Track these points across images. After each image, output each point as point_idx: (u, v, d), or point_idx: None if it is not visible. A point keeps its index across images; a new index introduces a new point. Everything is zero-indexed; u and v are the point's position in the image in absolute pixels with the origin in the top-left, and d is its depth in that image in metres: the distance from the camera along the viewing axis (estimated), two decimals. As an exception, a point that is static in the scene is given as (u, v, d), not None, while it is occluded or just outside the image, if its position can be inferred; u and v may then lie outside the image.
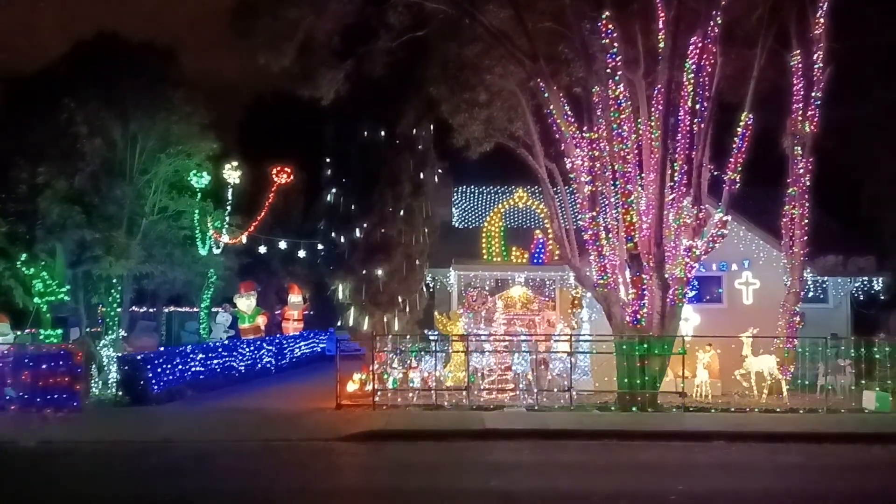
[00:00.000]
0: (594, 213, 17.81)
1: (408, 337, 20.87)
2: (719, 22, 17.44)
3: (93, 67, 23.25)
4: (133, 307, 27.87)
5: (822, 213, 22.85)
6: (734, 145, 18.69)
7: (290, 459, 12.96)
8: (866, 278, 22.62)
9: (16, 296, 22.48)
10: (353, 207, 21.81)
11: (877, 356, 18.46)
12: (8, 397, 17.73)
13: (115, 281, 23.46)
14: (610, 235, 18.08)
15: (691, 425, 15.71)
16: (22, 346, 18.82)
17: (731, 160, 18.64)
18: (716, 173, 19.08)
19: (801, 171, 19.71)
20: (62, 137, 22.30)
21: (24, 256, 21.52)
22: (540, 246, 22.67)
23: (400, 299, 21.50)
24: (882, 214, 25.11)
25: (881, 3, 18.70)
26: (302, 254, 31.14)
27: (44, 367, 17.77)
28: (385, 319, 21.22)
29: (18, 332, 20.32)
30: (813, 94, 19.30)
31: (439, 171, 24.68)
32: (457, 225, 28.63)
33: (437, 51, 20.37)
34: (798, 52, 19.37)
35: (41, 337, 20.50)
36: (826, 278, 22.54)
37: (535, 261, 22.69)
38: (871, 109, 22.08)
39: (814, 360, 19.45)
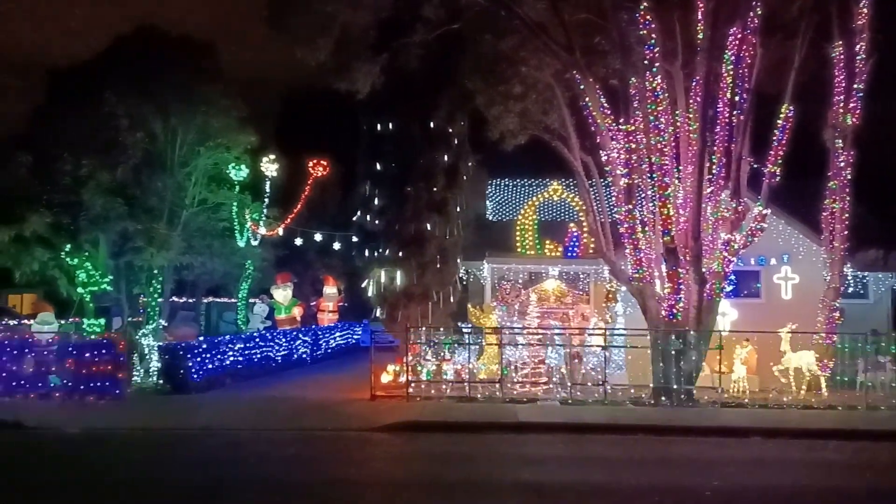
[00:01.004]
0: (630, 207, 17.69)
1: (441, 329, 20.94)
2: (759, 12, 17.16)
3: (133, 61, 23.64)
4: (173, 297, 28.38)
5: (863, 208, 22.31)
6: (774, 137, 18.41)
7: (325, 449, 13.15)
8: (908, 274, 22.10)
9: (60, 286, 23.06)
10: (387, 200, 21.87)
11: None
12: (52, 385, 18.25)
13: (155, 271, 23.90)
14: (646, 229, 17.95)
15: (727, 421, 15.56)
16: (66, 335, 19.32)
17: (771, 153, 18.36)
18: (755, 166, 18.82)
19: (842, 164, 19.34)
20: (104, 130, 22.74)
21: (68, 247, 22.05)
22: (574, 239, 22.56)
23: (434, 292, 21.53)
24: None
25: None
26: (337, 246, 31.40)
27: (87, 355, 18.26)
28: (419, 312, 21.28)
29: (62, 322, 20.85)
30: (855, 85, 18.90)
31: (473, 163, 24.62)
32: (491, 218, 28.60)
33: (473, 43, 20.35)
34: (840, 42, 18.96)
35: (84, 326, 21.01)
36: (866, 273, 22.08)
37: (569, 254, 22.59)
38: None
39: (853, 357, 19.10)
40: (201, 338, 24.19)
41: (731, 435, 14.39)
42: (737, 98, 17.57)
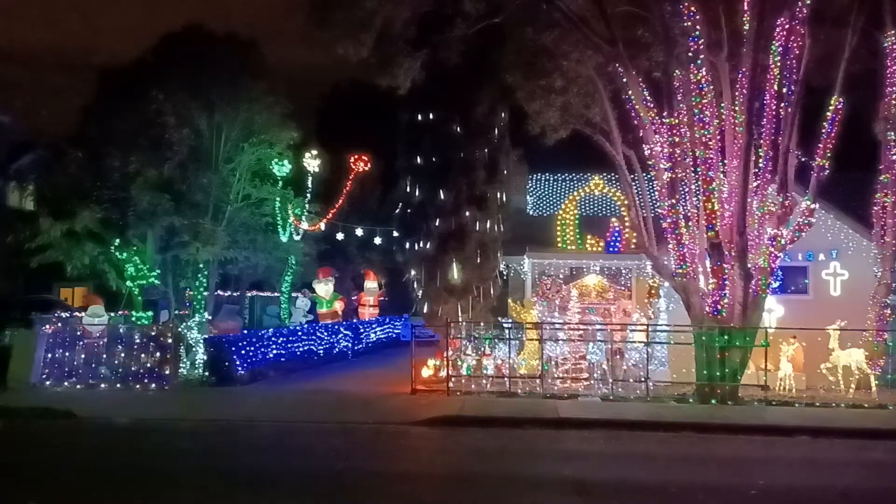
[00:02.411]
0: (674, 201, 17.44)
1: (482, 324, 20.94)
2: (808, 2, 16.74)
3: (180, 59, 24.05)
4: (218, 291, 28.87)
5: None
6: (823, 130, 17.95)
7: (366, 442, 13.28)
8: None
9: (109, 279, 23.62)
10: (427, 194, 21.91)
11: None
12: (102, 375, 18.74)
13: (201, 265, 24.36)
14: (690, 223, 17.69)
15: (773, 419, 15.28)
16: (115, 328, 19.82)
17: (820, 146, 17.91)
18: (803, 159, 18.39)
19: (894, 157, 18.79)
20: (151, 127, 23.20)
21: (117, 241, 22.60)
22: (615, 234, 22.34)
23: (474, 286, 21.52)
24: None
25: None
26: (378, 241, 31.59)
27: (135, 347, 18.72)
28: (459, 306, 21.30)
29: (112, 314, 21.36)
30: (909, 76, 18.34)
31: (514, 158, 24.52)
32: (531, 212, 28.48)
33: (513, 37, 20.25)
34: (892, 32, 18.42)
35: (133, 319, 21.51)
36: (920, 269, 21.42)
37: (611, 249, 22.39)
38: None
39: (906, 355, 18.59)
40: (245, 331, 24.60)
41: (776, 434, 14.13)
42: (784, 90, 17.18)
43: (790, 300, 20.36)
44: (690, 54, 16.82)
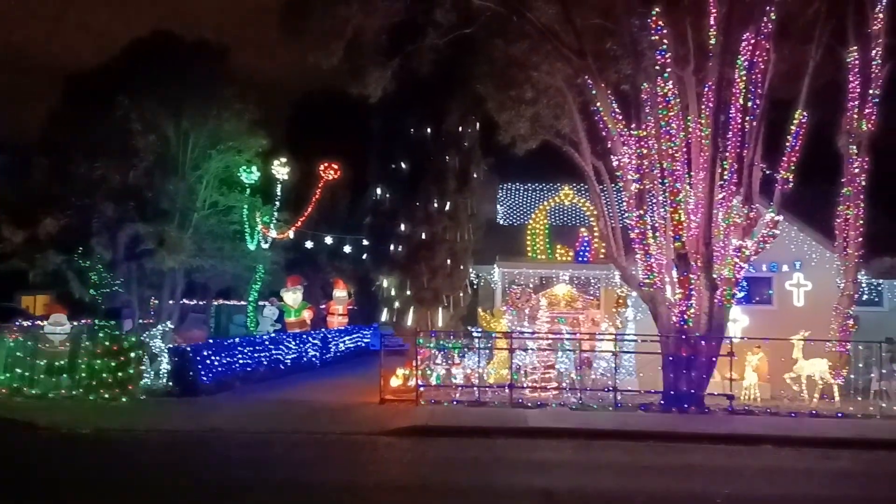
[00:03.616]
0: (641, 212, 17.61)
1: (451, 333, 20.92)
2: (773, 17, 17.07)
3: (147, 65, 23.79)
4: (184, 300, 28.48)
5: (877, 214, 22.13)
6: (787, 143, 18.28)
7: (334, 452, 13.15)
8: (924, 281, 21.89)
9: (72, 287, 23.19)
10: (397, 203, 21.90)
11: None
12: (64, 385, 18.35)
13: (167, 274, 24.03)
14: (657, 234, 17.87)
15: (738, 428, 15.44)
16: (78, 337, 19.42)
17: (784, 159, 18.23)
18: (768, 172, 18.69)
19: (857, 170, 19.17)
20: (118, 134, 22.89)
21: (80, 249, 22.20)
22: (585, 244, 22.51)
23: (444, 296, 21.53)
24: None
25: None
26: (347, 249, 31.47)
27: (98, 356, 18.35)
28: (429, 315, 21.28)
29: (74, 323, 20.95)
30: (870, 91, 18.74)
31: (485, 168, 24.65)
32: (502, 222, 28.61)
33: (484, 48, 20.34)
34: (855, 48, 18.82)
35: (96, 328, 21.11)
36: (881, 281, 21.89)
37: (580, 259, 22.54)
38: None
39: (867, 365, 18.93)
40: (211, 340, 24.27)
41: (742, 442, 14.28)
42: (749, 103, 17.47)
43: (755, 310, 20.64)
44: (658, 67, 17.03)
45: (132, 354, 18.57)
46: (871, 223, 19.83)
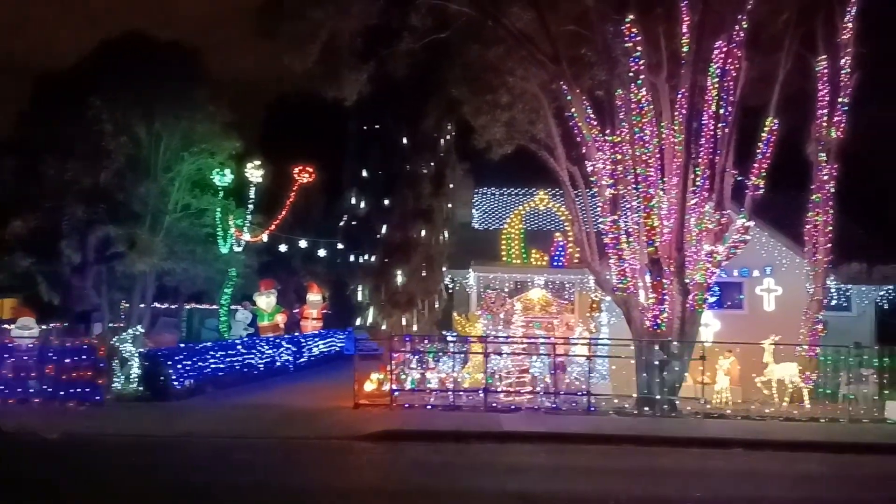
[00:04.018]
0: (615, 217, 17.74)
1: (426, 337, 20.90)
2: (745, 26, 17.31)
3: (119, 66, 23.54)
4: (155, 303, 28.16)
5: (846, 220, 22.53)
6: (758, 150, 18.54)
7: (307, 457, 13.05)
8: (891, 287, 22.29)
9: (41, 290, 22.81)
10: (373, 207, 21.87)
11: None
12: (32, 390, 18.01)
13: (137, 277, 23.73)
14: (631, 239, 18.00)
15: (710, 432, 15.59)
16: (46, 341, 19.09)
17: (755, 165, 18.49)
18: (739, 178, 18.93)
19: (826, 177, 19.50)
20: (89, 135, 22.60)
21: (50, 251, 21.85)
22: (560, 249, 22.61)
23: (419, 300, 21.52)
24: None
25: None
26: (322, 253, 31.30)
27: (67, 361, 18.05)
28: (404, 319, 21.25)
29: (43, 327, 20.60)
30: (839, 99, 19.09)
31: (460, 172, 24.70)
32: (477, 226, 28.62)
33: (460, 52, 20.38)
34: (825, 56, 19.17)
35: (65, 331, 20.78)
36: (850, 286, 22.24)
37: (555, 264, 22.64)
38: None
39: (836, 369, 19.22)
40: (182, 344, 24.01)
41: (713, 446, 14.41)
42: (721, 111, 17.68)
43: (726, 315, 20.87)
44: (632, 74, 17.18)
45: (102, 358, 18.27)
46: (840, 229, 20.17)
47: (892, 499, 11.25)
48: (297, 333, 29.83)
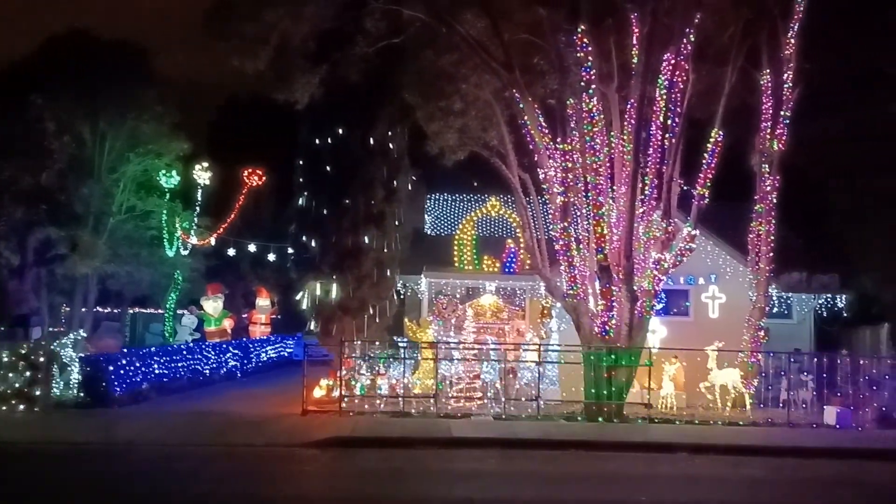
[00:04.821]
0: (566, 224, 17.91)
1: (377, 343, 20.78)
2: (692, 39, 17.71)
3: (63, 64, 22.93)
4: (97, 307, 27.42)
5: (787, 230, 23.21)
6: (704, 161, 18.96)
7: (253, 465, 12.81)
8: (829, 295, 23.03)
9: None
10: (324, 212, 21.67)
11: (838, 372, 18.79)
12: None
13: (79, 280, 23.06)
14: (581, 246, 18.20)
15: (656, 436, 15.84)
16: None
17: (701, 175, 18.90)
18: (685, 188, 19.33)
19: (768, 188, 20.02)
20: (30, 134, 21.93)
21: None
22: (511, 255, 22.75)
23: (370, 305, 21.39)
24: (846, 233, 25.62)
25: (850, 24, 19.09)
26: (272, 257, 30.90)
27: (3, 366, 17.42)
28: (354, 325, 21.09)
29: (-23, 331, 19.87)
30: (782, 112, 19.65)
31: (413, 177, 24.67)
32: (429, 232, 28.63)
33: (414, 58, 20.37)
34: (768, 71, 19.72)
35: (2, 335, 20.06)
36: (790, 294, 22.89)
37: (507, 270, 22.77)
38: (838, 128, 22.52)
39: (777, 375, 19.73)
40: (125, 349, 23.41)
41: (659, 450, 14.64)
42: (669, 122, 18.05)
43: (672, 321, 21.26)
44: (583, 84, 17.41)
45: (40, 364, 17.68)
46: (781, 239, 20.74)
47: (828, 502, 11.55)
48: (244, 339, 29.37)
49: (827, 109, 21.76)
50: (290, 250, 23.33)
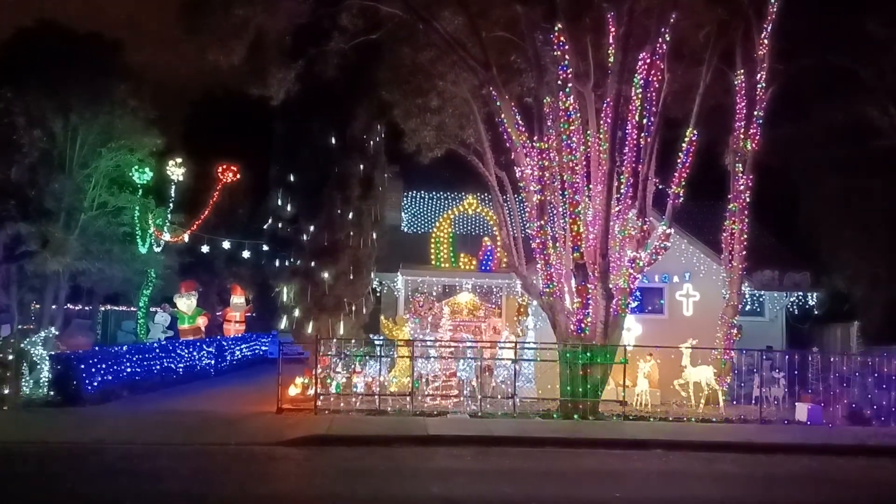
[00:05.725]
0: (542, 222, 17.96)
1: (353, 341, 20.69)
2: (668, 39, 17.84)
3: (34, 57, 22.53)
4: (68, 304, 27.01)
5: (760, 229, 23.50)
6: (678, 160, 19.13)
7: (227, 464, 12.69)
8: (801, 293, 23.35)
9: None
10: (300, 208, 21.53)
11: (809, 369, 19.06)
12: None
13: (50, 277, 22.69)
14: (557, 244, 18.26)
15: (631, 433, 15.94)
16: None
17: (676, 174, 19.06)
18: (660, 187, 19.49)
19: (742, 187, 20.24)
20: (-1, 127, 21.56)
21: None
22: (488, 253, 22.78)
23: (346, 303, 21.30)
24: (818, 232, 25.99)
25: (823, 26, 19.36)
26: (246, 254, 30.65)
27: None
28: (330, 323, 20.99)
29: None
30: (755, 112, 19.86)
31: (389, 175, 24.60)
32: (406, 230, 28.57)
33: (391, 54, 20.30)
34: (742, 71, 19.92)
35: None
36: (763, 292, 23.18)
37: (483, 268, 22.79)
38: (811, 128, 22.82)
39: (749, 372, 19.96)
40: (96, 347, 23.09)
41: (633, 447, 14.74)
42: (645, 121, 18.18)
43: (647, 319, 21.43)
44: (560, 82, 17.46)
45: (9, 362, 17.37)
46: (754, 238, 20.97)
47: (798, 497, 11.71)
48: (219, 337, 29.10)
49: (799, 110, 22.02)
50: (265, 247, 23.15)
